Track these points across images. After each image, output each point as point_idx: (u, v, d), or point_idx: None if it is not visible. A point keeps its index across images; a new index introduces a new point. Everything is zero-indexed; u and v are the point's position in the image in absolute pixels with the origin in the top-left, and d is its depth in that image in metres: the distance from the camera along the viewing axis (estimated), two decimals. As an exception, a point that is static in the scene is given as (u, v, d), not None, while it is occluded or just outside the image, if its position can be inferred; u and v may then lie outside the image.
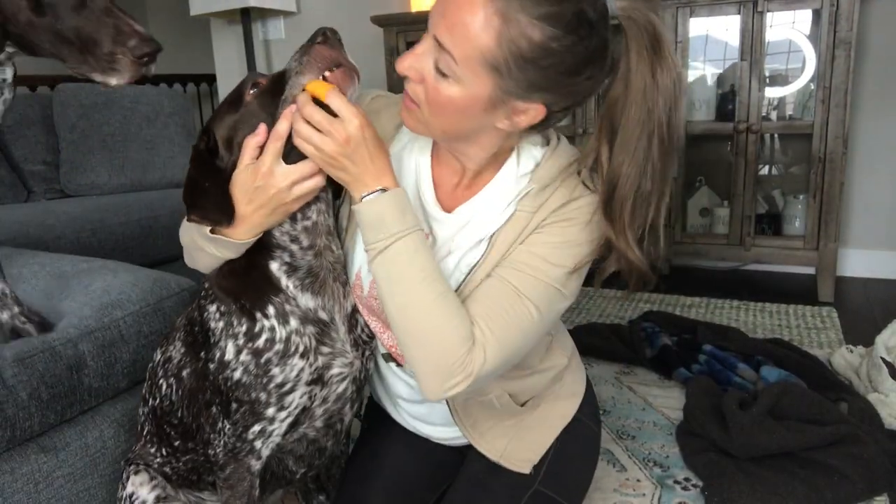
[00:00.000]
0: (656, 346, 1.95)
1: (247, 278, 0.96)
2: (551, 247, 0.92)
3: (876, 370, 1.65)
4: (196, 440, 1.04)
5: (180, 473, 1.10)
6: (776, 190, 2.71)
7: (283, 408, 0.96)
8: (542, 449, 1.11)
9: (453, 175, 0.99)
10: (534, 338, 0.94)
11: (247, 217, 0.91)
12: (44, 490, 1.08)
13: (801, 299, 2.44)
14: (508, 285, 0.91)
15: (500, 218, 0.95)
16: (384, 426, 1.20)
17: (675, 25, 2.45)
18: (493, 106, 0.85)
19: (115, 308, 1.22)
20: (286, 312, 0.95)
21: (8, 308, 1.18)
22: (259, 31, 3.47)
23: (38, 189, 2.80)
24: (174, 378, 1.04)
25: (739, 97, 2.43)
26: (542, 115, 0.87)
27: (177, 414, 1.04)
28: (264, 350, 0.94)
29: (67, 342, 1.12)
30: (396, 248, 0.86)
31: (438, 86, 0.84)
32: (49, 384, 1.07)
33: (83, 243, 2.21)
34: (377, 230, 0.87)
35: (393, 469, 1.14)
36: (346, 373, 1.01)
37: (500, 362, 0.89)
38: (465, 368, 0.86)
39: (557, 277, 0.91)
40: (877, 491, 1.32)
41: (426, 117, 0.88)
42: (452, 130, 0.90)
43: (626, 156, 0.86)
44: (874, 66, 2.52)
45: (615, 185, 0.87)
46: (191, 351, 1.02)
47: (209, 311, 0.98)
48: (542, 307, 0.91)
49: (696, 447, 1.48)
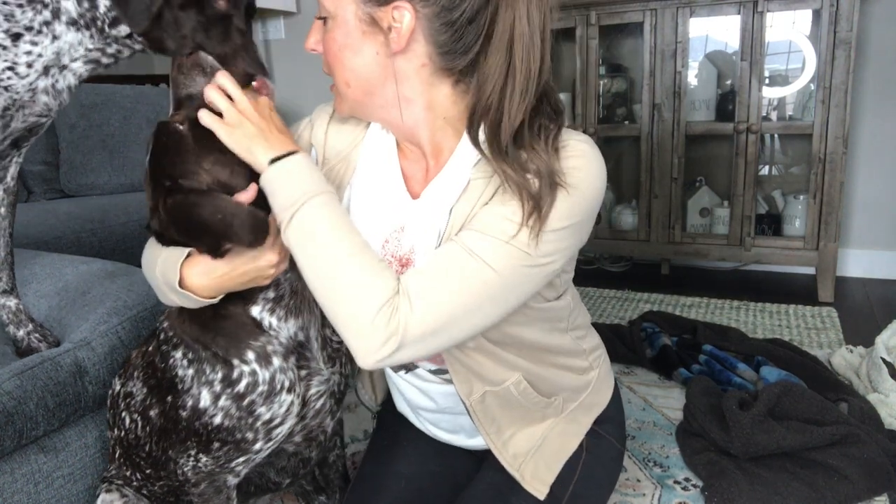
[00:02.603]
0: (656, 347, 1.95)
1: (216, 326, 0.91)
2: (512, 207, 0.85)
3: (876, 370, 1.65)
4: (168, 470, 0.99)
5: (157, 497, 1.07)
6: (776, 190, 2.71)
7: (270, 440, 0.94)
8: (558, 468, 1.06)
9: (419, 162, 0.99)
10: (490, 301, 0.85)
11: (224, 282, 0.88)
12: (44, 490, 1.08)
13: (801, 299, 2.43)
14: (456, 245, 0.85)
15: (457, 189, 0.92)
16: (396, 431, 1.19)
17: (675, 25, 2.45)
18: (364, 27, 0.88)
19: (113, 315, 1.22)
20: (268, 354, 0.91)
21: (24, 325, 1.20)
22: (259, 31, 3.47)
23: (38, 189, 2.80)
24: (139, 416, 0.99)
25: (739, 97, 2.42)
26: (412, 20, 0.85)
27: (144, 448, 1.00)
28: (247, 393, 0.90)
29: (67, 351, 1.13)
30: (311, 207, 0.83)
31: (326, 36, 0.91)
32: (54, 392, 1.08)
33: (83, 243, 2.21)
34: (289, 192, 0.84)
35: (404, 477, 1.12)
36: (324, 389, 0.99)
37: (435, 322, 0.82)
38: (388, 326, 0.80)
39: (518, 236, 0.84)
40: (877, 491, 1.32)
41: (337, 83, 0.94)
42: (357, 80, 0.92)
43: (494, 57, 0.85)
44: (874, 66, 2.52)
45: (482, 86, 0.86)
46: (155, 393, 0.96)
47: (174, 358, 0.93)
48: (498, 268, 0.83)
49: (696, 447, 1.48)
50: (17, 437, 1.02)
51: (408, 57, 0.89)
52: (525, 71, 0.85)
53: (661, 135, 2.56)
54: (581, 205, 0.88)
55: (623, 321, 2.27)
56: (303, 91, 3.45)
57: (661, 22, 2.46)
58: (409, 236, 0.97)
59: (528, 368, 1.02)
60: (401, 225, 0.98)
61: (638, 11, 2.50)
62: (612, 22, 2.56)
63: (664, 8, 2.45)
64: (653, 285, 2.70)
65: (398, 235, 0.98)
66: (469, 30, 0.86)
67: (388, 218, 0.99)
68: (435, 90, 0.92)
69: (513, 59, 0.85)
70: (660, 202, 2.61)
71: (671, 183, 2.58)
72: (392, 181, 1.00)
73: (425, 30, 0.86)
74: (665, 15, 2.45)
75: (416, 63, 0.89)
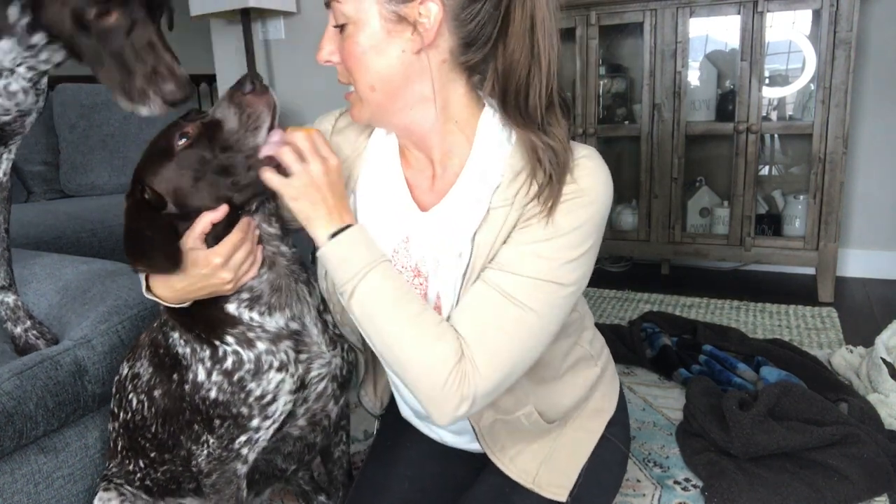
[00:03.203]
0: (656, 347, 1.95)
1: (198, 314, 0.95)
2: (538, 242, 0.87)
3: (876, 370, 1.65)
4: (173, 453, 1.03)
5: (160, 484, 1.09)
6: (776, 190, 2.71)
7: (267, 417, 0.95)
8: (576, 472, 1.07)
9: (424, 171, 0.99)
10: (537, 341, 0.89)
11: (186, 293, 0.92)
12: (44, 490, 1.09)
13: (801, 300, 2.44)
14: (495, 291, 0.87)
15: (476, 216, 0.91)
16: (399, 432, 1.19)
17: (675, 25, 2.45)
18: (390, 26, 0.85)
19: (113, 314, 1.22)
20: (250, 339, 0.94)
21: (21, 322, 1.20)
22: (259, 32, 3.47)
23: (38, 189, 2.80)
24: (145, 396, 1.02)
25: (739, 97, 2.42)
26: (440, 11, 0.85)
27: (150, 429, 1.03)
28: (234, 370, 0.93)
29: (66, 350, 1.13)
30: (369, 282, 0.86)
31: (346, 42, 0.87)
32: (54, 392, 1.08)
33: (83, 243, 2.21)
34: (348, 267, 0.87)
35: (407, 478, 1.12)
36: (325, 372, 1.01)
37: (500, 376, 0.86)
38: (459, 390, 0.84)
39: (551, 273, 0.87)
40: (877, 491, 1.32)
41: (359, 90, 0.90)
42: (381, 82, 0.89)
43: (517, 43, 0.86)
44: (874, 66, 2.52)
45: (508, 74, 0.87)
46: (160, 372, 1.00)
47: (173, 338, 0.98)
48: (538, 308, 0.87)
49: (696, 447, 1.48)
50: (17, 437, 1.02)
51: (432, 53, 0.88)
52: (547, 54, 0.87)
53: (661, 135, 2.56)
54: (596, 219, 0.91)
55: (623, 321, 2.27)
56: (303, 91, 3.45)
57: (661, 22, 2.46)
58: (417, 247, 0.97)
59: (540, 395, 1.03)
60: (406, 235, 0.98)
61: (638, 11, 2.50)
62: (612, 22, 2.56)
63: (664, 8, 2.45)
64: (653, 285, 2.70)
65: (406, 246, 0.98)
66: (492, 17, 0.86)
67: (394, 228, 0.99)
68: (451, 89, 0.92)
69: (535, 45, 0.86)
70: (660, 202, 2.61)
71: (671, 183, 2.58)
72: (396, 191, 0.99)
73: (450, 22, 0.86)
74: (665, 15, 2.45)
75: (437, 59, 0.89)
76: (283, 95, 3.84)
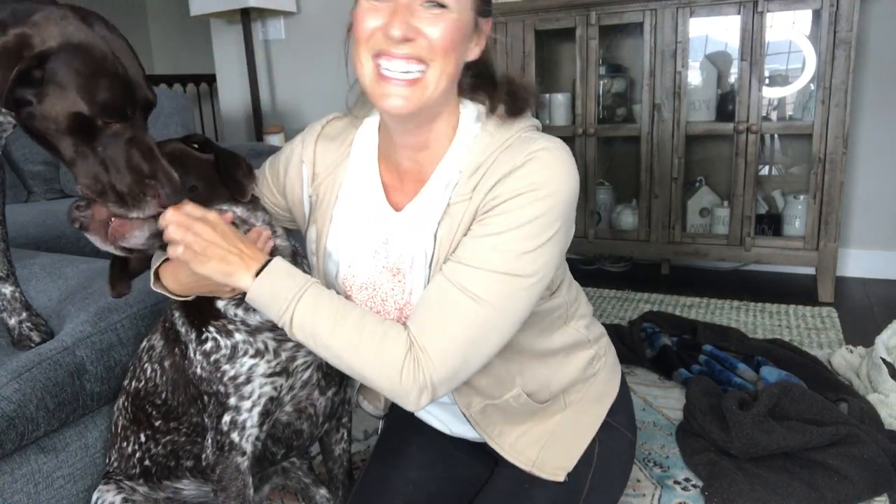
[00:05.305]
0: (656, 347, 1.95)
1: (192, 302, 1.02)
2: (494, 235, 0.89)
3: (876, 370, 1.65)
4: (181, 420, 1.09)
5: (158, 461, 1.12)
6: (776, 190, 2.71)
7: (243, 397, 1.01)
8: (577, 456, 1.08)
9: (400, 174, 1.01)
10: (494, 331, 0.89)
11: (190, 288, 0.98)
12: (44, 490, 1.09)
13: (801, 300, 2.44)
14: (450, 283, 0.89)
15: (438, 211, 0.94)
16: (404, 434, 1.19)
17: (675, 25, 2.45)
18: (472, 24, 0.92)
19: (112, 312, 1.22)
20: (229, 330, 1.01)
21: (17, 313, 1.19)
22: (259, 31, 3.47)
23: (38, 189, 2.80)
24: (158, 365, 1.10)
25: (739, 97, 2.43)
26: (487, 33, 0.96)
27: (161, 395, 1.09)
28: (211, 352, 1.01)
29: (65, 350, 1.13)
30: (302, 307, 0.89)
31: (450, 25, 0.88)
32: (53, 393, 1.08)
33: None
34: (278, 301, 0.89)
35: (412, 481, 1.12)
36: (311, 360, 1.06)
37: (455, 363, 0.88)
38: (416, 381, 0.86)
39: (507, 264, 0.87)
40: (877, 491, 1.32)
41: (436, 74, 0.89)
42: (452, 75, 0.92)
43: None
44: (874, 66, 2.52)
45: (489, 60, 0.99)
46: (169, 344, 1.09)
47: (176, 315, 1.07)
48: (493, 300, 0.87)
49: (696, 447, 1.48)
50: (18, 439, 1.02)
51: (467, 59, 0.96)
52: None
53: (661, 135, 2.56)
54: (556, 211, 0.90)
55: (623, 321, 2.27)
56: (302, 91, 3.45)
57: (661, 22, 2.46)
58: (396, 248, 0.99)
59: (527, 377, 1.04)
60: (385, 237, 1.00)
61: (638, 11, 2.50)
62: (612, 22, 2.56)
63: (664, 8, 2.45)
64: (653, 285, 2.70)
65: (385, 247, 1.00)
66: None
67: (372, 231, 1.01)
68: (453, 88, 0.96)
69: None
70: (660, 202, 2.61)
71: (671, 183, 2.58)
72: (373, 194, 1.02)
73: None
74: (665, 15, 2.45)
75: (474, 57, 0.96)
76: (282, 95, 3.85)
